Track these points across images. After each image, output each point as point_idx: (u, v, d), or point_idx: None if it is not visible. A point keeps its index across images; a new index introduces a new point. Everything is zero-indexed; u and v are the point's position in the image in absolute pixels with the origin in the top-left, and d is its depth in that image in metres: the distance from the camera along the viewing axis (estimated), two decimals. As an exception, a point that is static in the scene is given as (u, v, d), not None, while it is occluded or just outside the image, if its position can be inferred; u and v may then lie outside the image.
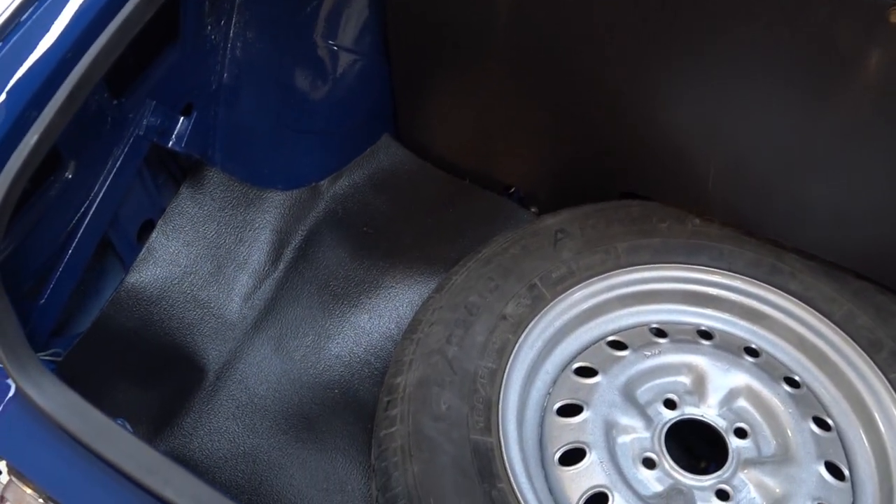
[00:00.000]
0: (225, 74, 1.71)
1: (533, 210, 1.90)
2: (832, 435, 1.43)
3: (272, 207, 1.79)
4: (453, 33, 1.73)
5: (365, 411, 1.59)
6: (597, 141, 1.72)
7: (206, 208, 1.75)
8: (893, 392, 1.41)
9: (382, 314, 1.71)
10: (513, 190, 1.93)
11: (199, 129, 1.64)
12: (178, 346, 1.66)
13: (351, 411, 1.61)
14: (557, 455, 1.39)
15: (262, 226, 1.77)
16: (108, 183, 1.51)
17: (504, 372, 1.41)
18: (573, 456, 1.39)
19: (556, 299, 1.52)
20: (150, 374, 1.61)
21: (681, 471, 1.39)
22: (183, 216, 1.73)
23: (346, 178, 1.89)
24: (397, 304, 1.71)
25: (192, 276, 1.71)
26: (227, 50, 1.69)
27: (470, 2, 1.65)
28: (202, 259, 1.73)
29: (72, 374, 1.37)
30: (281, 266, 1.77)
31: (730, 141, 1.55)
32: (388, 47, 1.84)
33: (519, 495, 1.27)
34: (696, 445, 1.53)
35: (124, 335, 1.62)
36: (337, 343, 1.69)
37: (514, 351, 1.44)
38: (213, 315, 1.69)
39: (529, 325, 1.48)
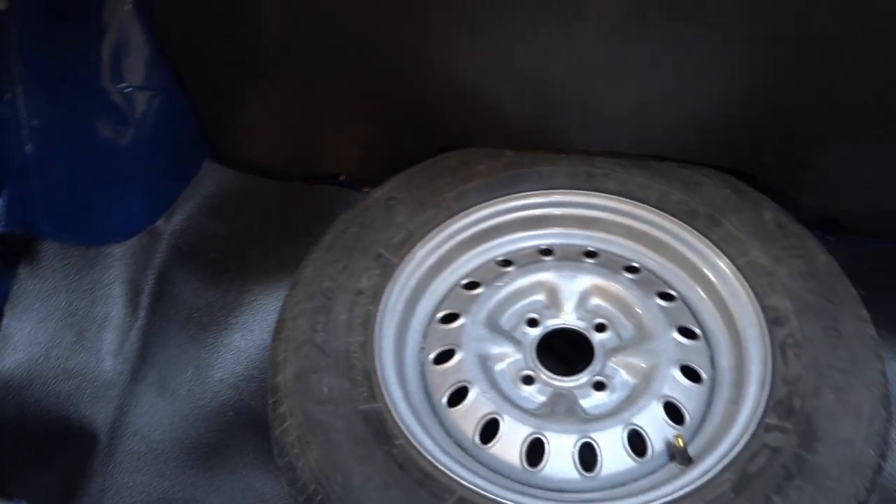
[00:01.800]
0: (28, 146, 1.71)
1: (365, 190, 1.94)
2: (677, 303, 1.58)
3: (116, 261, 1.80)
4: (241, 48, 1.77)
5: (262, 422, 1.61)
6: (406, 107, 1.80)
7: (49, 281, 1.74)
8: (717, 249, 1.56)
9: (252, 328, 1.75)
10: (342, 177, 2.00)
11: (15, 206, 1.64)
12: (63, 421, 1.65)
13: (249, 426, 1.64)
14: (444, 399, 1.48)
15: (110, 281, 1.78)
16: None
17: (373, 341, 1.48)
18: (459, 395, 1.48)
19: (404, 261, 1.59)
20: (41, 456, 1.61)
21: (557, 378, 1.50)
22: (29, 295, 1.72)
23: (179, 213, 1.91)
24: (263, 315, 1.75)
25: (56, 349, 1.71)
26: (21, 122, 1.69)
27: (245, 14, 1.70)
28: (61, 331, 1.72)
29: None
30: (141, 314, 1.78)
31: (524, 70, 1.65)
32: (180, 75, 1.87)
33: (417, 445, 1.34)
34: (567, 352, 1.63)
35: (4, 425, 1.61)
36: (217, 369, 1.71)
37: (378, 319, 1.51)
38: (89, 380, 1.69)
39: (386, 292, 1.55)
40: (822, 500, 1.22)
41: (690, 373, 1.47)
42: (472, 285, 1.63)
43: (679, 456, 1.36)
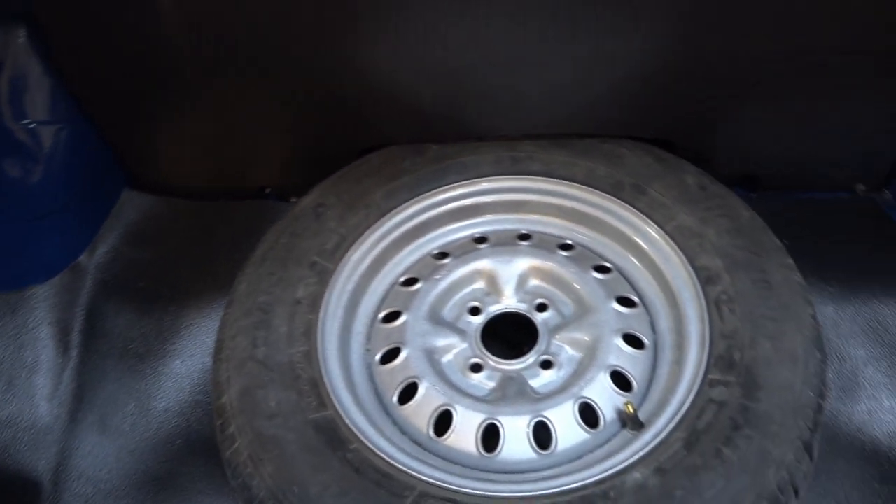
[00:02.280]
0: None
1: (293, 200, 1.92)
2: (613, 275, 1.60)
3: (40, 302, 1.74)
4: (145, 71, 1.73)
5: (213, 446, 1.58)
6: (324, 112, 1.79)
7: (-29, 332, 1.68)
8: (645, 217, 1.59)
9: (192, 353, 1.71)
10: (268, 190, 1.97)
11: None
12: (3, 473, 1.59)
13: (199, 453, 1.61)
14: (395, 398, 1.47)
15: (36, 324, 1.72)
16: None
17: (317, 349, 1.46)
18: (409, 392, 1.48)
19: (339, 266, 1.58)
20: (-17, 514, 1.54)
21: (504, 362, 1.51)
22: (-49, 351, 1.65)
23: (102, 246, 1.86)
24: (202, 338, 1.72)
25: (-14, 401, 1.64)
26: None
27: (145, 36, 1.66)
28: (-10, 381, 1.66)
29: None
30: (73, 353, 1.72)
31: (437, 63, 1.66)
32: (86, 106, 1.82)
33: (372, 447, 1.33)
34: (513, 335, 1.64)
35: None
36: (160, 398, 1.67)
37: (319, 327, 1.50)
38: (24, 428, 1.63)
39: (324, 299, 1.53)
40: (769, 446, 1.25)
41: (633, 340, 1.50)
42: (410, 282, 1.63)
43: (630, 422, 1.38)
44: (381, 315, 1.59)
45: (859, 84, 1.63)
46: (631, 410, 1.39)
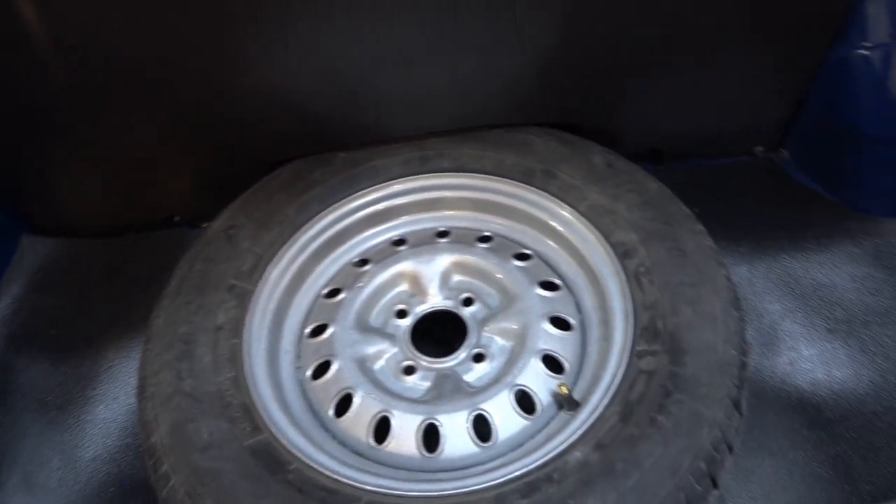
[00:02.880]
0: None
1: (204, 225, 1.88)
2: (534, 260, 1.62)
3: (-56, 363, 1.65)
4: (30, 113, 1.66)
5: (148, 488, 1.52)
6: (225, 131, 1.74)
7: None
8: (558, 201, 1.61)
9: (116, 396, 1.65)
10: (177, 219, 1.92)
11: None
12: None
13: (135, 497, 1.54)
14: (331, 412, 1.45)
15: (-57, 386, 1.63)
16: None
17: (245, 374, 1.43)
18: (345, 403, 1.46)
19: (259, 286, 1.55)
20: None
21: (437, 360, 1.51)
22: None
23: (5, 297, 1.79)
24: (124, 379, 1.66)
25: None
26: None
27: (23, 76, 1.59)
28: None
29: None
30: (-13, 413, 1.65)
31: (336, 70, 1.63)
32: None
33: (313, 464, 1.30)
34: (444, 333, 1.63)
35: None
36: (87, 448, 1.60)
37: (245, 351, 1.46)
38: (-55, 498, 1.54)
39: (247, 322, 1.50)
40: (699, 407, 1.28)
41: (560, 322, 1.52)
42: (333, 293, 1.62)
43: (566, 403, 1.40)
44: (308, 330, 1.57)
45: (746, 52, 1.69)
46: (565, 391, 1.41)
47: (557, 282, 1.58)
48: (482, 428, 1.41)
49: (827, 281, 1.80)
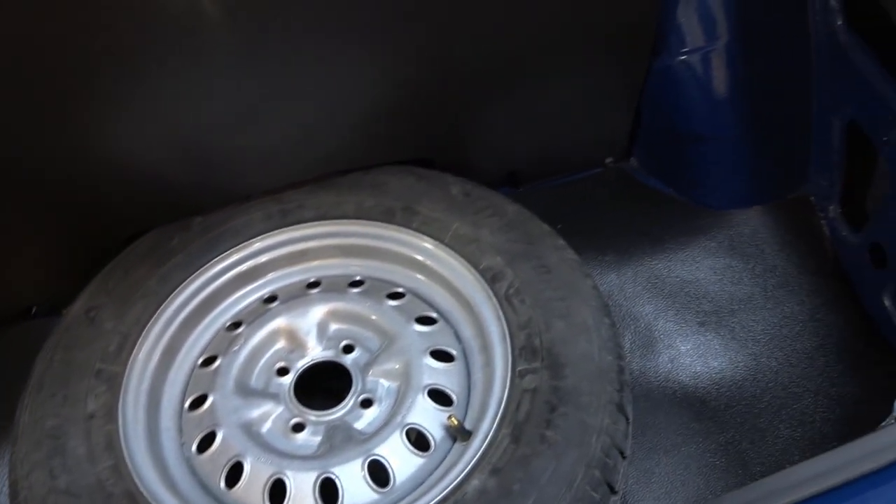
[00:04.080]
0: None
1: (65, 312, 1.81)
2: (408, 297, 1.62)
3: None
4: None
5: None
6: (75, 210, 1.67)
7: None
8: (422, 235, 1.62)
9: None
10: (35, 309, 1.81)
11: None
12: None
13: None
14: (222, 483, 1.39)
15: None
16: None
17: (125, 459, 1.36)
18: (236, 472, 1.40)
19: (128, 367, 1.49)
20: None
21: (325, 413, 1.48)
22: None
23: None
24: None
25: None
26: None
27: None
28: None
29: None
30: None
31: (179, 135, 1.60)
32: None
33: (208, 542, 1.27)
34: (330, 384, 1.59)
35: None
36: (-39, 566, 1.50)
37: (121, 435, 1.39)
38: None
39: (119, 405, 1.43)
40: (585, 416, 1.31)
41: (442, 355, 1.52)
42: (209, 361, 1.56)
43: (458, 434, 1.40)
44: (188, 403, 1.51)
45: (579, 70, 1.77)
46: (455, 423, 1.41)
47: (434, 315, 1.59)
48: (380, 473, 1.39)
49: (691, 277, 1.90)
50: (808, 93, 1.74)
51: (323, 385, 1.61)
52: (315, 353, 1.58)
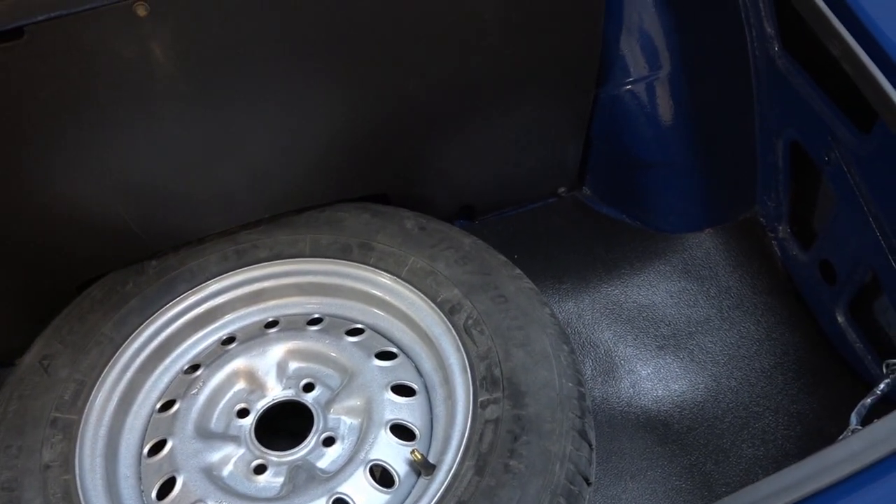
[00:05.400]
0: None
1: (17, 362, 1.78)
2: (367, 334, 1.62)
3: None
4: None
5: None
6: (25, 256, 1.64)
7: None
8: (379, 270, 1.63)
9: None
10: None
11: None
12: None
13: None
14: (181, 529, 1.38)
15: None
16: None
17: (82, 509, 1.35)
18: (197, 517, 1.40)
19: (85, 414, 1.46)
20: None
21: (286, 453, 1.46)
22: None
23: None
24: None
25: None
26: None
27: None
28: None
29: None
30: None
31: (129, 178, 1.59)
32: None
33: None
34: (291, 424, 1.58)
35: None
36: None
37: (78, 485, 1.37)
38: None
39: (76, 454, 1.41)
40: (547, 444, 1.32)
41: (403, 389, 1.52)
42: (167, 405, 1.55)
43: (422, 468, 1.39)
44: (146, 449, 1.49)
45: (528, 103, 1.80)
46: (419, 457, 1.40)
47: (394, 350, 1.59)
48: (344, 512, 1.39)
49: (647, 301, 1.91)
50: (751, 116, 1.79)
51: (284, 425, 1.59)
52: (275, 392, 1.56)
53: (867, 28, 1.33)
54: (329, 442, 1.47)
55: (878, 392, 1.33)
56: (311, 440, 1.47)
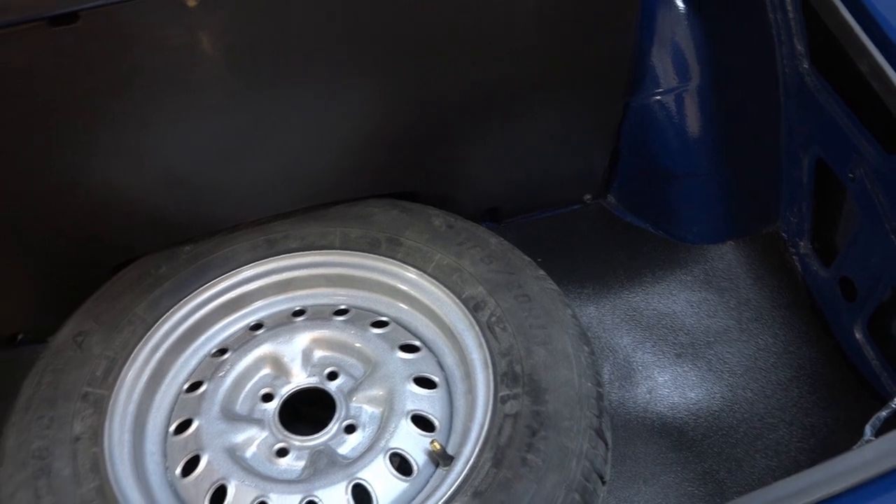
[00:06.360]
0: None
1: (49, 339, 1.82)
2: (392, 326, 1.65)
3: None
4: None
5: None
6: (64, 236, 1.69)
7: None
8: (406, 265, 1.66)
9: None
10: (20, 337, 1.82)
11: None
12: None
13: None
14: (205, 507, 1.42)
15: None
16: None
17: (109, 482, 1.38)
18: (220, 495, 1.42)
19: (115, 390, 1.51)
20: None
21: (308, 438, 1.50)
22: None
23: None
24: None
25: None
26: None
27: None
28: None
29: None
30: None
31: (167, 165, 1.63)
32: None
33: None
34: (314, 411, 1.62)
35: None
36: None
37: (107, 458, 1.41)
38: None
39: (105, 428, 1.45)
40: (565, 441, 1.35)
41: (425, 382, 1.55)
42: (195, 386, 1.59)
43: (441, 458, 1.43)
44: (173, 427, 1.53)
45: (558, 109, 1.84)
46: (438, 447, 1.43)
47: (417, 343, 1.62)
48: (363, 497, 1.41)
49: (668, 310, 1.94)
50: (778, 132, 1.81)
51: (307, 411, 1.64)
52: (300, 379, 1.60)
53: (897, 46, 1.35)
54: (350, 429, 1.51)
55: (893, 406, 1.34)
56: (333, 427, 1.51)
